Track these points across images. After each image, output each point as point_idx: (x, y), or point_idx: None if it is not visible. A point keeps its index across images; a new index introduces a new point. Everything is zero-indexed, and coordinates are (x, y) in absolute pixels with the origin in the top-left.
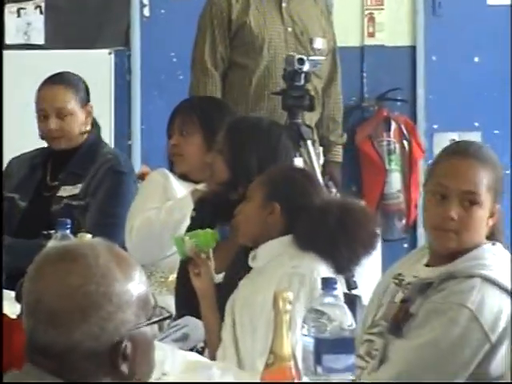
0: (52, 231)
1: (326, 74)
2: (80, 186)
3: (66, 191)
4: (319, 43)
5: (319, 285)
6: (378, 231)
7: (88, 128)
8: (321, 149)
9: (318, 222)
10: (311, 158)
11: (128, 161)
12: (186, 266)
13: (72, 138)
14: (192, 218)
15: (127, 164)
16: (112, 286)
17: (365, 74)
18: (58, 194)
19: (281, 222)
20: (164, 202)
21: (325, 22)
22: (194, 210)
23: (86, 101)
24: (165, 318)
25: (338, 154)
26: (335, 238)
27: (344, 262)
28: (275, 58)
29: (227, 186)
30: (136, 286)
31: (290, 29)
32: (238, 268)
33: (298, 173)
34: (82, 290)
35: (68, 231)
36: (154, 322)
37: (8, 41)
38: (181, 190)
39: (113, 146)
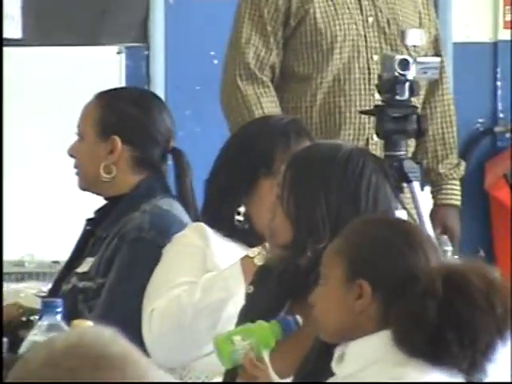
0: (34, 317)
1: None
2: (92, 259)
3: (84, 265)
4: (415, 37)
5: None
6: None
7: (116, 173)
8: (427, 189)
9: (420, 311)
10: (419, 209)
11: (163, 222)
12: (233, 376)
13: (86, 175)
14: (249, 296)
15: (159, 225)
16: None
17: (499, 84)
18: (77, 269)
19: (375, 308)
20: (201, 275)
21: (421, 4)
22: (253, 284)
23: (111, 130)
24: None
25: (454, 193)
26: (444, 332)
27: (464, 363)
28: (349, 62)
29: (291, 249)
30: None
31: (371, 18)
32: (312, 371)
33: (392, 229)
34: None
35: (58, 317)
36: None
37: None
38: (227, 255)
39: None
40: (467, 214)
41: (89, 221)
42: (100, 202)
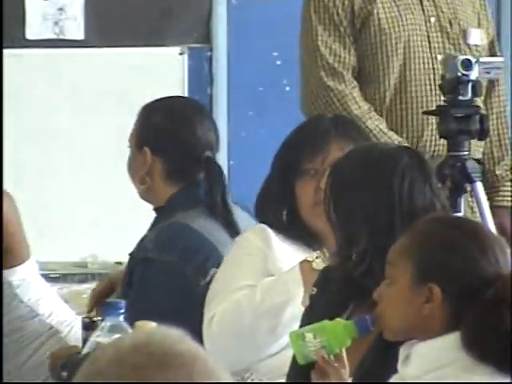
0: (97, 318)
1: None
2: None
3: None
4: (475, 36)
5: None
6: None
7: (151, 184)
8: None
9: (495, 318)
10: (483, 210)
11: (169, 237)
12: (304, 373)
13: (133, 183)
14: (312, 298)
15: (162, 242)
16: None
17: None
18: None
19: (444, 312)
20: (262, 278)
21: (479, 5)
22: (316, 285)
23: (144, 142)
24: None
25: (510, 195)
26: None
27: None
28: (414, 63)
29: (338, 254)
30: None
31: (433, 19)
32: (370, 371)
33: (460, 231)
34: None
35: (121, 318)
36: None
37: (31, 35)
38: (288, 257)
39: None
40: None
41: None
42: None
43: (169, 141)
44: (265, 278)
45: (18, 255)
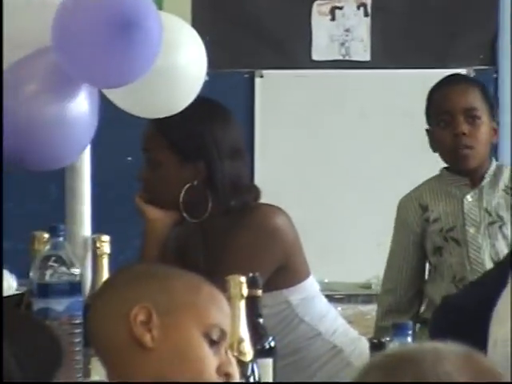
0: (385, 339)
1: None
2: None
3: None
4: None
5: None
6: None
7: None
8: None
9: None
10: None
11: None
12: None
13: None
14: None
15: None
16: None
17: None
18: None
19: None
20: None
21: None
22: None
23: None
24: None
25: None
26: None
27: None
28: None
29: None
30: None
31: None
32: None
33: None
34: None
35: (409, 339)
36: None
37: (317, 56)
38: None
39: None
40: None
41: None
42: None
43: None
44: None
45: (296, 274)
